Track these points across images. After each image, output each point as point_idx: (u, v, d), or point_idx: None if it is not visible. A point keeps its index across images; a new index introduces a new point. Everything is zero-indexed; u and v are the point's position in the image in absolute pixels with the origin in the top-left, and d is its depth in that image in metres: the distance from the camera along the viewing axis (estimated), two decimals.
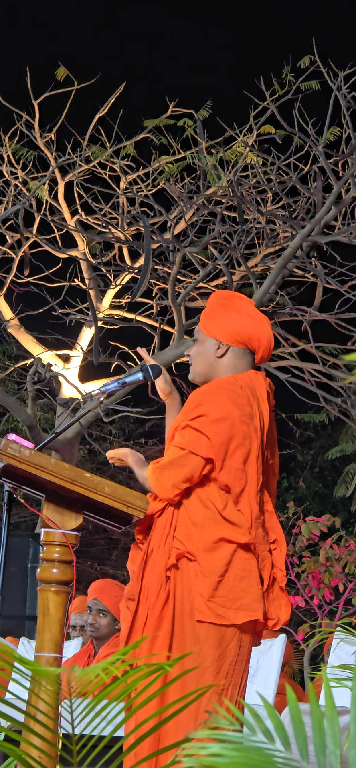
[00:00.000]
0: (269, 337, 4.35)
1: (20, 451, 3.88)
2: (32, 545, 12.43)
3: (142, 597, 4.06)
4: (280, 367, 13.11)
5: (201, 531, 4.03)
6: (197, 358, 4.36)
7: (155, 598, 4.03)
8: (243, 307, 4.33)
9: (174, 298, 12.75)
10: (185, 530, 4.06)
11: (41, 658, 3.91)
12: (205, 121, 13.14)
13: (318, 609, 10.68)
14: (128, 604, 4.13)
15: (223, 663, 4.00)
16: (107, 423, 15.87)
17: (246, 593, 4.03)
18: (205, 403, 4.11)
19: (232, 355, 4.30)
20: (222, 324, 4.30)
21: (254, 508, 4.09)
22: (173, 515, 4.10)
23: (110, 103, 13.27)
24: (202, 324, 4.37)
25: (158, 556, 4.06)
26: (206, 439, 4.07)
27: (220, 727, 1.94)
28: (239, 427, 4.11)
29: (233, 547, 4.04)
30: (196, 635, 3.99)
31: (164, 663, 1.96)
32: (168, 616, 4.02)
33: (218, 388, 4.17)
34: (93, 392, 4.39)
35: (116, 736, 2.72)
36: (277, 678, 6.80)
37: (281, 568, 4.21)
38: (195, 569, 4.03)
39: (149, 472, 4.12)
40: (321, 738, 1.79)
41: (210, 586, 3.98)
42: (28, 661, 2.15)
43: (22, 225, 13.30)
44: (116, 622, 7.06)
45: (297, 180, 12.69)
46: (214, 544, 4.02)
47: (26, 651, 8.07)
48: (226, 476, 4.07)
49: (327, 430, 21.30)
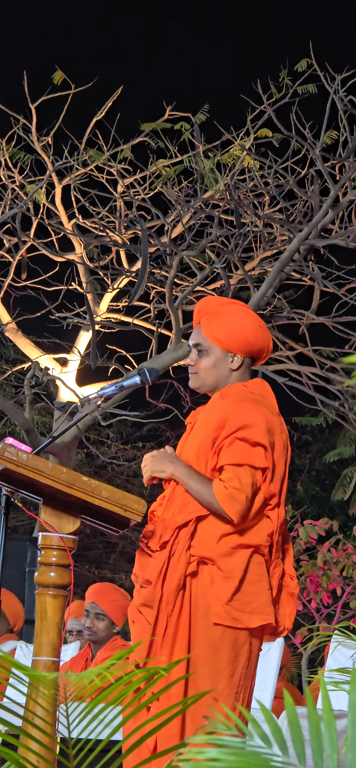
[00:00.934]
0: (271, 346, 4.43)
1: (18, 455, 3.88)
2: (30, 549, 12.43)
3: (162, 606, 4.06)
4: (278, 371, 13.11)
5: (220, 537, 4.05)
6: (209, 371, 4.32)
7: (172, 606, 4.04)
8: (252, 317, 4.35)
9: (172, 302, 12.75)
10: (204, 536, 4.07)
11: (39, 661, 3.90)
12: (202, 125, 13.14)
13: (316, 612, 10.67)
14: (142, 610, 4.12)
15: (237, 666, 4.03)
16: (104, 426, 15.87)
17: (259, 597, 4.06)
18: (245, 412, 4.12)
19: (243, 366, 4.33)
20: (235, 335, 4.30)
21: (281, 514, 4.14)
22: (195, 521, 4.10)
23: (107, 106, 13.27)
24: (210, 333, 4.33)
25: (179, 564, 4.06)
26: (262, 449, 4.09)
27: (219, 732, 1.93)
28: (279, 435, 4.15)
29: (250, 551, 4.07)
30: (211, 638, 4.02)
31: (160, 667, 1.96)
32: (185, 621, 4.03)
33: (249, 396, 4.20)
34: (91, 396, 4.38)
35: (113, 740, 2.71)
36: (275, 682, 6.80)
37: (292, 575, 4.23)
38: (212, 573, 4.05)
39: (222, 496, 4.04)
40: (319, 742, 1.79)
41: (230, 590, 4.01)
42: (25, 667, 2.15)
43: (20, 229, 13.30)
44: (114, 625, 7.06)
45: (295, 183, 12.69)
46: (232, 549, 4.04)
47: (24, 655, 8.06)
48: (274, 486, 4.13)
49: (325, 433, 21.31)
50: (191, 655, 4.00)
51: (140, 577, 4.17)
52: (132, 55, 22.03)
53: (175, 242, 13.28)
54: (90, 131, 13.34)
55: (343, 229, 12.52)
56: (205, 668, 3.99)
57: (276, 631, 4.18)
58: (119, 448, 18.74)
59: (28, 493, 4.07)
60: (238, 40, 22.07)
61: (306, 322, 12.77)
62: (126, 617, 7.09)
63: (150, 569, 4.13)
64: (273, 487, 4.11)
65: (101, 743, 2.27)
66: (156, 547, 4.14)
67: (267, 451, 4.09)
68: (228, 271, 13.21)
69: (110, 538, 18.23)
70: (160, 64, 21.42)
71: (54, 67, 13.07)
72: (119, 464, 18.69)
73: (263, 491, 4.10)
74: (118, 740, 3.51)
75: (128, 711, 3.00)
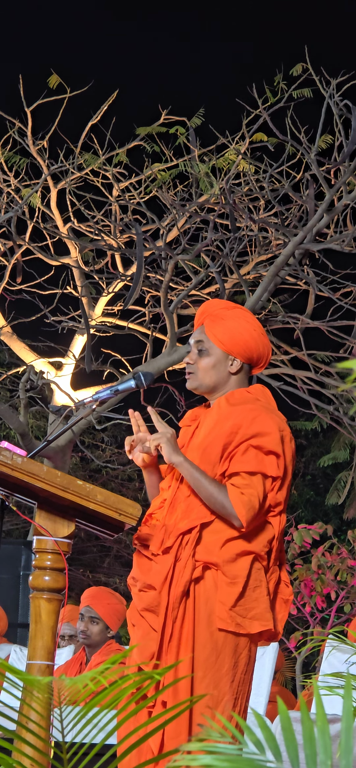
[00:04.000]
0: (270, 355, 4.43)
1: (12, 459, 3.88)
2: (24, 553, 12.43)
3: (169, 611, 4.06)
4: (272, 375, 13.12)
5: (224, 543, 4.06)
6: (208, 371, 4.32)
7: (177, 611, 4.04)
8: (256, 325, 4.36)
9: (167, 306, 12.75)
10: (208, 541, 4.07)
11: (33, 665, 3.90)
12: (197, 129, 13.16)
13: (310, 617, 10.68)
14: (144, 614, 4.12)
15: (236, 672, 4.05)
16: (99, 431, 15.85)
17: (259, 603, 4.07)
18: (259, 420, 4.12)
19: (242, 372, 4.33)
20: (238, 340, 4.30)
21: (283, 521, 4.16)
22: (199, 526, 4.10)
23: (102, 110, 13.27)
24: (212, 334, 4.33)
25: (185, 570, 4.06)
26: (275, 457, 4.10)
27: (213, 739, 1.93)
28: (289, 444, 4.17)
29: (251, 557, 4.08)
30: (214, 643, 4.02)
31: (155, 672, 1.96)
32: (188, 626, 4.04)
33: (258, 403, 4.20)
34: (85, 400, 4.38)
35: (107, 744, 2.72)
36: (269, 686, 6.80)
37: (287, 582, 4.23)
38: (215, 578, 4.05)
39: (237, 502, 4.03)
40: (312, 748, 1.79)
41: (234, 596, 4.02)
42: (19, 671, 2.15)
43: (15, 232, 13.29)
44: (108, 629, 7.05)
45: (290, 188, 12.71)
46: (237, 555, 4.05)
47: (18, 659, 8.06)
48: (281, 494, 4.14)
49: (319, 437, 21.31)
50: (194, 659, 4.01)
51: (141, 581, 4.15)
52: (127, 59, 22.04)
53: (170, 246, 13.28)
54: (85, 135, 13.35)
55: (338, 233, 12.53)
56: (207, 673, 4.00)
57: (274, 636, 4.21)
58: (114, 452, 18.73)
59: (23, 496, 4.07)
60: (234, 44, 22.09)
61: (300, 327, 12.78)
62: (121, 621, 7.09)
63: (153, 574, 4.12)
64: (280, 495, 4.13)
65: (96, 747, 2.27)
66: (158, 552, 4.13)
67: (279, 459, 4.10)
68: (223, 275, 13.22)
69: (105, 541, 18.22)
70: (155, 68, 21.44)
71: (49, 71, 13.08)
72: (113, 468, 18.69)
73: (270, 499, 4.11)
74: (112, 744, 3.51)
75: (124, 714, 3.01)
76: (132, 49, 22.29)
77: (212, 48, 22.88)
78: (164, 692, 3.94)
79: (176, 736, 3.96)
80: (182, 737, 3.96)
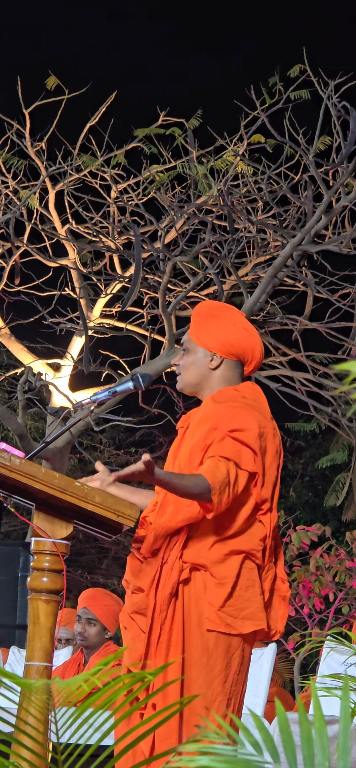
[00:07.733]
0: (261, 350, 4.39)
1: (11, 460, 3.87)
2: (22, 554, 12.41)
3: (156, 614, 4.05)
4: (270, 376, 13.12)
5: (212, 544, 4.05)
6: (189, 368, 4.34)
7: (165, 613, 4.04)
8: (237, 320, 4.35)
9: (165, 307, 12.75)
10: (196, 543, 4.07)
11: (31, 667, 3.90)
12: (195, 131, 13.15)
13: (309, 618, 10.67)
14: (134, 617, 4.12)
15: (229, 672, 4.04)
16: (97, 432, 15.85)
17: (251, 603, 4.07)
18: (239, 416, 4.11)
19: (225, 367, 4.32)
20: (217, 335, 4.31)
21: (274, 518, 4.14)
22: (187, 528, 4.09)
23: (100, 112, 13.27)
24: (193, 333, 4.36)
25: (172, 572, 4.05)
26: (252, 453, 4.08)
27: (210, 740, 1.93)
28: (272, 440, 4.16)
29: (241, 557, 4.07)
30: (205, 644, 4.02)
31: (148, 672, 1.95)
32: (178, 628, 4.03)
33: (242, 400, 4.19)
34: (83, 401, 4.38)
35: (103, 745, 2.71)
36: (267, 687, 6.80)
37: (283, 579, 4.22)
38: (204, 580, 4.05)
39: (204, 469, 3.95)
40: (310, 749, 1.79)
41: (222, 596, 4.01)
42: (14, 675, 2.14)
43: (13, 234, 13.29)
44: (106, 631, 7.05)
45: (288, 189, 12.70)
46: (225, 555, 4.04)
47: (16, 660, 8.05)
48: (266, 490, 4.12)
49: (318, 439, 21.32)
50: (185, 661, 4.00)
51: (132, 584, 4.16)
52: (126, 61, 22.04)
53: (168, 248, 13.28)
54: (84, 136, 13.34)
55: (336, 234, 12.53)
56: (199, 674, 4.00)
57: (268, 635, 4.19)
58: (112, 453, 18.73)
59: (21, 498, 4.06)
60: (231, 45, 22.10)
61: (299, 328, 12.78)
62: (118, 623, 7.09)
63: (142, 576, 4.12)
64: (265, 492, 4.11)
65: (91, 748, 2.26)
66: (148, 554, 4.14)
67: (256, 456, 4.08)
68: (221, 277, 13.22)
69: (103, 543, 18.21)
70: (153, 70, 21.44)
71: (47, 73, 13.08)
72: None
73: (255, 496, 4.10)
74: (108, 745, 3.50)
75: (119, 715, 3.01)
76: (130, 51, 22.30)
77: (210, 49, 22.87)
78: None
79: (167, 738, 3.95)
80: (173, 739, 3.95)
